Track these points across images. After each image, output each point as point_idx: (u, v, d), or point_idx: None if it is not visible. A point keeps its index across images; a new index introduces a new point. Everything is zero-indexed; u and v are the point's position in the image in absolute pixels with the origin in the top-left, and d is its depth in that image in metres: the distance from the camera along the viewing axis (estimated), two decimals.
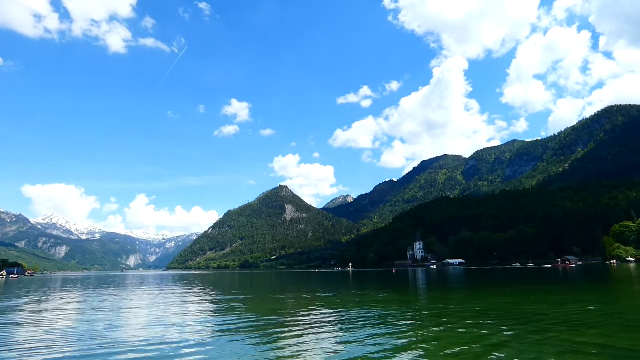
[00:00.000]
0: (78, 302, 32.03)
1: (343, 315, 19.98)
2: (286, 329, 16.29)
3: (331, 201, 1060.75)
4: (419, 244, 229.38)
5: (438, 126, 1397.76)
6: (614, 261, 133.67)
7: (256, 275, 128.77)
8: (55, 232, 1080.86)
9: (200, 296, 36.96)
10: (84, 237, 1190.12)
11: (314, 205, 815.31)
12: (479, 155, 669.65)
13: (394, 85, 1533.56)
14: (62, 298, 37.21)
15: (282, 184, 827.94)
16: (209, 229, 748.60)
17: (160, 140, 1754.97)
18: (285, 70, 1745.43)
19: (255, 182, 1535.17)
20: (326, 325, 16.89)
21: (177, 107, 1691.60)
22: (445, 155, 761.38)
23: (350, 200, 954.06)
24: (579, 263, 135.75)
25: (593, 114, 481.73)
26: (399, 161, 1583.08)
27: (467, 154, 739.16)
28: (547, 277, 58.15)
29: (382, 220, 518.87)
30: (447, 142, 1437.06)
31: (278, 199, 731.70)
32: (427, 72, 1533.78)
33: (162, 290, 48.19)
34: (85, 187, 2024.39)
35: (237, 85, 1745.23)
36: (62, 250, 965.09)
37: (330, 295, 35.21)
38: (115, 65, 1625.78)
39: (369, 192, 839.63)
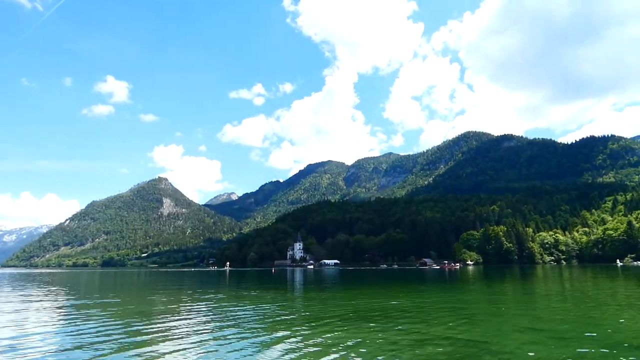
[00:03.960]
0: None
1: (210, 317, 18.20)
2: (148, 335, 13.87)
3: (215, 197, 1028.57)
4: (299, 245, 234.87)
5: (325, 132, 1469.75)
6: (459, 264, 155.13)
7: (121, 274, 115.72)
8: None
9: (46, 301, 30.17)
10: None
11: (196, 200, 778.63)
12: (360, 164, 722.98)
13: (288, 87, 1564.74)
14: None
15: (162, 175, 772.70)
16: (66, 220, 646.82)
17: (7, 111, 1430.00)
18: (174, 53, 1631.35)
19: (129, 171, 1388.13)
20: (191, 328, 14.93)
21: (34, 75, 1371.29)
22: (329, 161, 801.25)
23: (235, 197, 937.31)
24: (434, 266, 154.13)
25: (454, 136, 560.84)
26: (287, 162, 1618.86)
27: (349, 161, 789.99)
28: (410, 277, 63.99)
29: (265, 220, 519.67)
30: (333, 148, 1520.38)
31: (155, 191, 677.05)
32: (320, 79, 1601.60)
33: None
34: None
35: (116, 61, 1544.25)
36: None
37: (196, 296, 32.64)
38: None
39: (254, 191, 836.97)
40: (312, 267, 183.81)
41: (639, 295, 28.51)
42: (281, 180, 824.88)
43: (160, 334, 14.20)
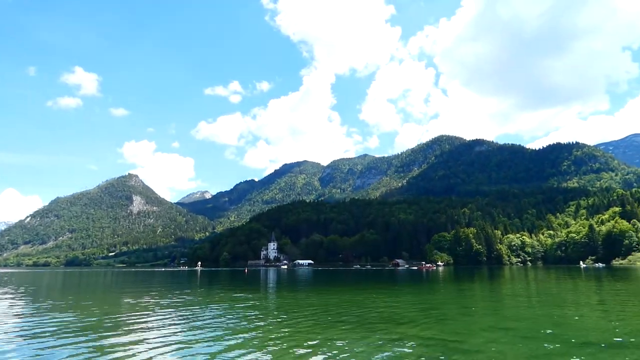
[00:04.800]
0: None
1: (177, 319, 17.76)
2: (110, 339, 13.31)
3: (187, 196, 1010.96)
4: (273, 244, 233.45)
5: (301, 132, 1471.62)
6: (433, 265, 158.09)
7: (86, 273, 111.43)
8: None
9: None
10: None
11: (168, 198, 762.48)
12: (335, 165, 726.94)
13: (265, 86, 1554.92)
14: None
15: (132, 172, 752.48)
16: (27, 217, 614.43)
17: None
18: (148, 45, 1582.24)
19: (97, 167, 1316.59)
20: (156, 332, 14.51)
21: None
22: (305, 161, 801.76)
23: (208, 196, 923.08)
24: (405, 266, 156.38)
25: (428, 140, 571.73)
26: (262, 162, 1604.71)
27: (325, 161, 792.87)
28: (383, 277, 64.67)
29: (239, 219, 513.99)
30: (308, 148, 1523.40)
31: (125, 188, 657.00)
32: (297, 78, 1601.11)
33: None
34: None
35: (85, 51, 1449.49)
36: None
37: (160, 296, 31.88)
38: None
39: (229, 189, 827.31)
40: (285, 267, 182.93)
41: (597, 295, 29.84)
42: (256, 180, 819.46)
43: (123, 338, 13.77)
